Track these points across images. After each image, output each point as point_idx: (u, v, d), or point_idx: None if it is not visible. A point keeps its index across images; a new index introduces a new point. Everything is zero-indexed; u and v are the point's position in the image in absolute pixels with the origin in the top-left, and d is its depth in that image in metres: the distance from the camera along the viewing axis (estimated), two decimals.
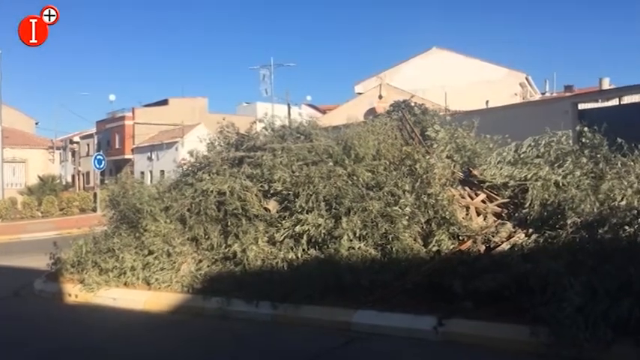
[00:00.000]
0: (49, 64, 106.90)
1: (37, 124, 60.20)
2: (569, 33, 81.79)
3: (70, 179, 50.89)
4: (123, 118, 63.31)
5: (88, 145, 66.67)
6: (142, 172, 56.36)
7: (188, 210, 10.43)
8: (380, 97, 36.03)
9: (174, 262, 9.96)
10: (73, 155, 64.10)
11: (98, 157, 28.25)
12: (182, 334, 8.09)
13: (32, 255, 14.93)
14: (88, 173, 60.37)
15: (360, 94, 41.79)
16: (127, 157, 62.66)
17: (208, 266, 9.81)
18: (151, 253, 10.09)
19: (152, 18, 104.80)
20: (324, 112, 52.00)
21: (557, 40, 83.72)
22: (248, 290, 8.73)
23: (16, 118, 50.99)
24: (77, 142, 68.28)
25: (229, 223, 9.98)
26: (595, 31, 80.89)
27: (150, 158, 59.69)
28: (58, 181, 35.17)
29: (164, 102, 64.55)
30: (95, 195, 26.13)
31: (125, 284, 10.11)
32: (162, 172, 42.27)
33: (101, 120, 66.69)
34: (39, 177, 33.14)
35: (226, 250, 9.79)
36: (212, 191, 10.15)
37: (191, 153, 11.82)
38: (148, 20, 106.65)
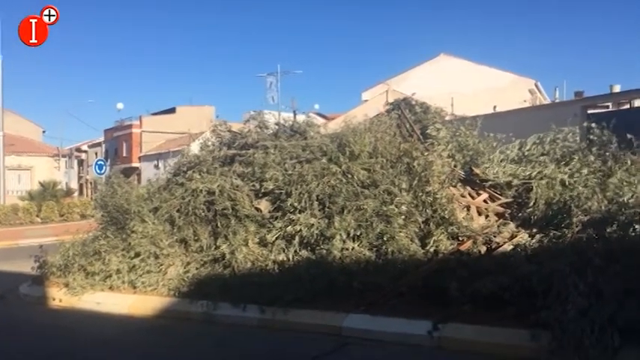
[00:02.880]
0: (56, 72, 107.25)
1: (44, 132, 60.31)
2: (580, 40, 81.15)
3: (73, 185, 50.75)
4: (130, 126, 63.25)
5: (96, 153, 66.65)
6: (149, 180, 56.15)
7: (177, 210, 10.02)
8: (387, 103, 35.59)
9: (162, 265, 9.55)
10: (81, 164, 64.18)
11: (99, 162, 28.01)
12: (165, 339, 7.69)
13: (26, 260, 14.60)
14: (95, 181, 60.30)
15: (367, 101, 41.39)
16: (134, 165, 62.54)
17: (197, 269, 9.38)
18: (137, 255, 9.68)
19: (160, 26, 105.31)
20: (331, 120, 51.67)
21: (567, 47, 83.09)
22: (236, 293, 8.30)
23: (23, 126, 51.14)
24: (85, 151, 68.38)
25: (219, 224, 9.58)
26: (606, 38, 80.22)
27: (157, 166, 59.49)
28: (60, 187, 34.88)
29: (172, 110, 64.48)
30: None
31: (110, 288, 9.70)
32: None
33: (109, 128, 66.73)
34: (40, 183, 32.91)
35: (215, 252, 9.38)
36: (201, 191, 9.75)
37: (183, 152, 11.43)
38: (156, 28, 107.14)
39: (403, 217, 8.53)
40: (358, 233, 8.51)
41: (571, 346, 5.38)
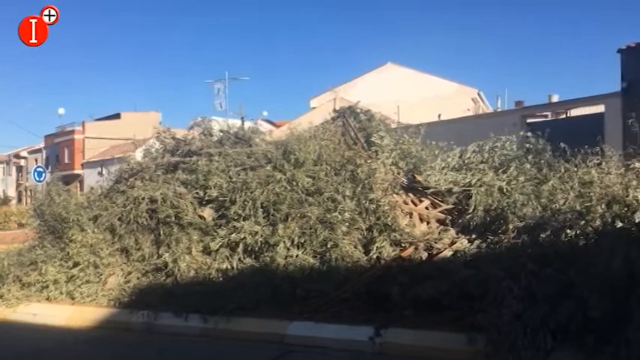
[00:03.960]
0: None
1: None
2: (521, 51, 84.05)
3: (11, 193, 48.91)
4: (72, 132, 61.40)
5: (36, 159, 64.43)
6: (92, 188, 54.69)
7: (119, 219, 9.81)
8: (334, 110, 35.82)
9: (101, 275, 9.34)
10: (20, 171, 61.96)
11: (38, 169, 27.07)
12: (103, 350, 7.46)
13: None
14: (34, 189, 58.25)
15: (315, 108, 41.57)
16: (76, 172, 60.69)
17: (138, 278, 9.22)
18: (76, 265, 9.42)
19: (102, 30, 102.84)
20: (280, 127, 51.61)
21: (508, 57, 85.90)
22: (178, 303, 8.16)
23: None
24: (25, 157, 66.06)
25: (162, 232, 9.43)
26: (546, 50, 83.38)
27: (100, 173, 57.96)
28: None
29: (116, 116, 62.99)
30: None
31: (48, 299, 9.38)
32: None
33: (50, 134, 64.66)
34: None
35: (158, 261, 9.23)
36: (143, 198, 9.58)
37: (125, 159, 11.21)
38: (99, 32, 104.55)
39: (347, 224, 8.62)
40: (302, 240, 8.55)
41: (505, 349, 5.53)
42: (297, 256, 8.44)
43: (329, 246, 8.43)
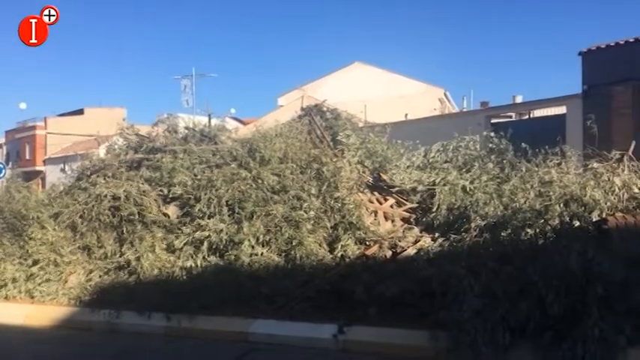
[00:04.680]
0: None
1: None
2: (486, 52, 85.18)
3: None
4: (34, 127, 60.03)
5: None
6: (54, 185, 53.54)
7: (80, 216, 9.63)
8: (301, 109, 35.79)
9: (62, 273, 9.15)
10: None
11: None
12: (61, 349, 7.30)
13: None
14: None
15: (283, 106, 41.48)
16: (38, 168, 59.36)
17: (100, 276, 9.07)
18: (36, 263, 9.22)
19: (66, 23, 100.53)
20: (247, 124, 51.31)
21: (474, 58, 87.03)
22: (141, 301, 8.06)
23: None
24: None
25: (125, 230, 9.29)
26: (511, 52, 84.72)
27: (63, 170, 56.78)
28: None
29: (80, 112, 61.82)
30: None
31: (6, 298, 9.17)
32: None
33: (10, 129, 63.05)
34: None
35: (120, 259, 9.10)
36: (106, 196, 9.42)
37: (87, 155, 11.01)
38: (62, 25, 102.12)
39: (312, 222, 8.63)
40: (267, 238, 8.53)
41: (466, 345, 5.63)
42: (262, 254, 8.41)
43: (294, 244, 8.43)
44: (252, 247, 8.44)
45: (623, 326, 5.34)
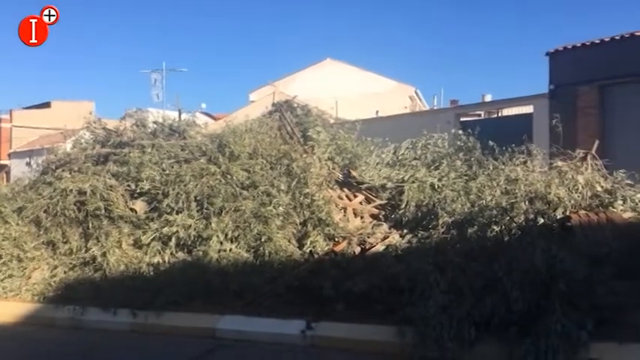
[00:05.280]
0: None
1: None
2: (457, 51, 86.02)
3: None
4: None
5: None
6: (18, 179, 52.40)
7: (45, 211, 9.45)
8: (273, 104, 35.66)
9: (25, 269, 8.99)
10: None
11: None
12: (24, 347, 7.17)
13: None
14: None
15: (254, 102, 41.28)
16: (2, 162, 58.00)
17: (65, 272, 8.92)
18: None
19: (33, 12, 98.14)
20: (218, 119, 50.95)
21: (445, 57, 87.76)
22: (106, 298, 7.95)
23: None
24: None
25: (90, 225, 9.15)
26: (481, 51, 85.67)
27: (29, 164, 55.56)
28: None
29: (46, 105, 60.53)
30: None
31: None
32: None
33: None
34: None
35: (86, 255, 8.96)
36: (72, 190, 9.27)
37: (53, 149, 10.80)
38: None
39: (281, 218, 8.63)
40: (236, 234, 8.50)
41: (432, 340, 5.69)
42: (230, 250, 8.38)
43: (263, 240, 8.41)
44: (221, 243, 8.39)
45: (585, 322, 5.44)
